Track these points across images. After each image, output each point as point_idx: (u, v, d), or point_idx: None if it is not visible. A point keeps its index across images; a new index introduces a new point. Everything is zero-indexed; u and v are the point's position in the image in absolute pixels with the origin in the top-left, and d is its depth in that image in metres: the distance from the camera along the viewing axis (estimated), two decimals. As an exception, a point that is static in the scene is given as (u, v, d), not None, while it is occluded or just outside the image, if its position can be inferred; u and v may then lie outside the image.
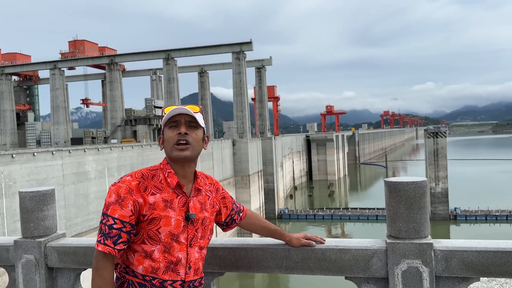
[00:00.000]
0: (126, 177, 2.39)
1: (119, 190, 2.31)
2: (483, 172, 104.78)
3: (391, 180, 2.79)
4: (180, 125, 2.39)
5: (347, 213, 65.22)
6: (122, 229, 2.27)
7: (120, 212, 2.27)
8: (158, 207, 2.32)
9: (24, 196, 3.43)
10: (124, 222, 2.27)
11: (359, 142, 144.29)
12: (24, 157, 26.53)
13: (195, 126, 2.42)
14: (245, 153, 58.76)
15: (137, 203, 2.30)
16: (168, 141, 2.40)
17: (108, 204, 2.31)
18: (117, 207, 2.28)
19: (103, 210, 2.33)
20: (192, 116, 2.40)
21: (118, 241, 2.27)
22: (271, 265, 2.95)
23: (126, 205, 2.28)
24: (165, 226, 2.32)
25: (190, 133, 2.39)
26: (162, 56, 65.58)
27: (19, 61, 79.47)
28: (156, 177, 2.40)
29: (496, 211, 58.58)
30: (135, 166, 37.90)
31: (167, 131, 2.41)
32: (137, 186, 2.33)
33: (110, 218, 2.28)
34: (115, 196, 2.30)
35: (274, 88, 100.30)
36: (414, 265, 2.66)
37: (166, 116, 2.41)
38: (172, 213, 2.34)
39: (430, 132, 61.96)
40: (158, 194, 2.35)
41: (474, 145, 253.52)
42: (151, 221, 2.31)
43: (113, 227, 2.26)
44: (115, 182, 2.38)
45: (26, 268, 3.39)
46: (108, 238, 2.26)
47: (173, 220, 2.34)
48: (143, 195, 2.32)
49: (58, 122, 69.38)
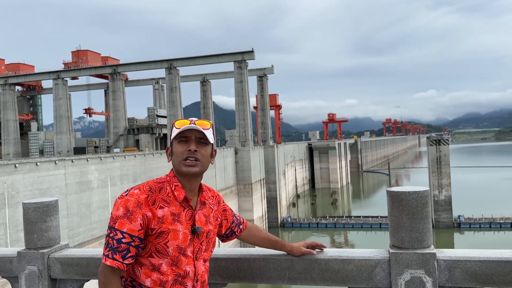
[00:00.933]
0: (133, 190, 2.37)
1: (127, 204, 2.28)
2: (486, 180, 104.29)
3: (394, 190, 2.79)
4: (190, 141, 2.40)
5: (350, 221, 64.88)
6: (131, 243, 2.26)
7: (129, 226, 2.25)
8: (166, 220, 2.32)
9: (27, 207, 3.44)
10: (133, 236, 2.26)
11: (361, 150, 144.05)
12: (27, 166, 26.60)
13: (205, 143, 2.43)
14: (248, 162, 58.73)
15: (146, 217, 2.29)
16: (177, 155, 2.41)
17: (115, 217, 2.28)
18: (125, 221, 2.25)
19: (110, 224, 2.30)
20: (203, 133, 2.41)
21: (127, 256, 2.26)
22: (274, 276, 2.94)
23: (135, 219, 2.26)
24: (173, 240, 2.32)
25: (199, 149, 2.40)
26: (165, 66, 65.93)
27: (23, 71, 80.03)
28: (163, 190, 2.40)
29: (500, 219, 58.17)
30: (137, 175, 37.93)
31: (176, 145, 2.42)
32: (145, 199, 2.31)
33: (118, 232, 2.25)
34: (123, 210, 2.27)
35: (276, 97, 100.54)
36: (418, 275, 2.65)
37: (176, 130, 2.40)
38: (180, 227, 2.35)
39: (432, 140, 61.81)
40: (166, 207, 2.35)
41: (477, 152, 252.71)
42: (159, 235, 2.31)
43: (122, 241, 2.24)
44: (121, 195, 2.36)
45: (30, 280, 3.40)
46: (117, 252, 2.24)
47: (181, 234, 2.35)
48: (152, 208, 2.31)
49: (61, 131, 69.64)
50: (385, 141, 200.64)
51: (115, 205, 2.32)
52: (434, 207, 58.50)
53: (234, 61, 64.55)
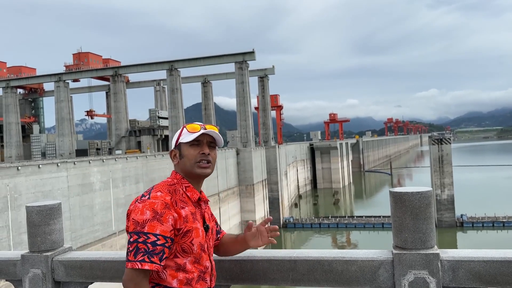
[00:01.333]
0: (155, 192, 2.37)
1: (154, 206, 2.29)
2: (489, 178, 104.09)
3: (396, 190, 2.78)
4: (203, 145, 2.52)
5: (353, 221, 64.82)
6: (165, 244, 2.28)
7: (161, 228, 2.26)
8: (189, 219, 2.41)
9: (31, 211, 3.46)
10: (166, 237, 2.29)
11: (363, 150, 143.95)
12: (30, 169, 26.66)
13: (214, 147, 2.59)
14: (249, 162, 58.76)
15: (173, 217, 2.34)
16: (189, 158, 2.50)
17: (143, 221, 2.25)
18: (156, 223, 2.26)
19: (136, 229, 2.26)
20: (213, 138, 2.57)
21: (163, 257, 2.28)
22: (277, 277, 2.94)
23: (166, 220, 2.29)
24: (197, 238, 2.42)
25: (210, 152, 2.54)
26: (166, 67, 66.04)
27: (24, 74, 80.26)
28: (178, 192, 2.47)
29: (503, 218, 58.03)
30: (139, 177, 37.98)
31: (188, 148, 2.51)
32: (171, 201, 2.37)
33: (151, 235, 2.24)
34: (150, 213, 2.27)
35: (277, 97, 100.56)
36: (421, 276, 2.64)
37: (190, 134, 2.50)
38: (199, 225, 2.46)
39: (434, 139, 61.72)
40: (186, 207, 2.44)
41: (479, 151, 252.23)
42: (185, 234, 2.38)
43: (157, 243, 2.24)
44: (141, 199, 2.35)
45: (33, 283, 3.40)
46: (154, 255, 2.23)
47: (201, 231, 2.46)
48: (177, 209, 2.38)
49: (63, 134, 69.80)
50: (387, 141, 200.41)
51: (136, 210, 2.30)
52: (437, 207, 58.41)
53: (235, 62, 64.63)
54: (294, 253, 2.97)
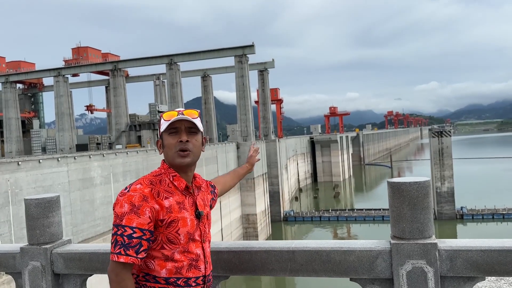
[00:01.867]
0: (135, 185, 2.37)
1: (131, 199, 2.29)
2: (489, 171, 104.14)
3: (394, 180, 2.78)
4: (181, 132, 2.44)
5: (353, 214, 64.97)
6: (142, 237, 2.27)
7: (137, 221, 2.26)
8: (174, 209, 2.37)
9: (29, 203, 3.46)
10: (143, 230, 2.27)
11: (363, 143, 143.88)
12: (30, 164, 26.67)
13: (195, 132, 2.48)
14: (250, 156, 58.67)
15: (154, 209, 2.31)
16: (169, 147, 2.45)
17: (121, 214, 2.27)
18: (133, 216, 2.26)
19: (115, 222, 2.29)
20: (192, 122, 2.45)
21: (140, 250, 2.27)
22: (275, 268, 2.95)
23: (143, 212, 2.27)
24: (183, 227, 2.38)
25: (190, 139, 2.45)
26: (165, 61, 65.81)
27: (24, 69, 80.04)
28: (163, 182, 2.44)
29: (503, 210, 58.14)
30: (140, 171, 38.01)
31: (167, 137, 2.45)
32: (150, 192, 2.34)
33: (127, 228, 2.25)
34: (128, 206, 2.28)
35: (277, 91, 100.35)
36: (419, 266, 2.65)
37: (165, 122, 2.43)
38: (186, 214, 2.41)
39: (434, 132, 61.68)
40: (171, 197, 2.40)
41: (480, 144, 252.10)
42: (169, 224, 2.35)
43: (133, 236, 2.25)
44: (122, 191, 2.36)
45: (33, 275, 3.42)
46: (130, 248, 2.24)
47: (189, 220, 2.41)
48: (158, 200, 2.34)
49: (63, 128, 69.75)
50: (387, 134, 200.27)
51: (118, 203, 2.33)
52: (437, 199, 58.51)
53: (234, 56, 64.38)
54: (292, 244, 2.98)
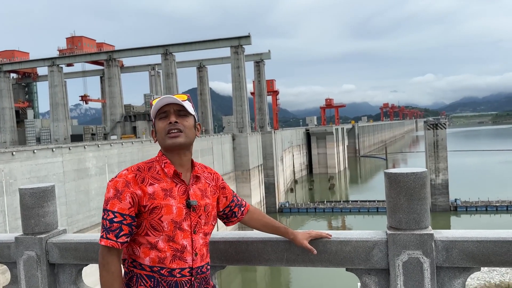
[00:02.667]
0: (122, 171, 2.42)
1: (116, 185, 2.34)
2: (483, 163, 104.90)
3: (391, 171, 2.78)
4: (170, 114, 2.42)
5: (348, 206, 65.35)
6: (123, 221, 2.30)
7: (119, 206, 2.30)
8: (157, 196, 2.35)
9: (24, 193, 3.43)
10: (124, 214, 2.30)
11: (359, 135, 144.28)
12: (24, 154, 26.54)
13: (185, 114, 2.45)
14: (245, 148, 58.76)
15: (136, 194, 2.32)
16: (159, 132, 2.44)
17: (107, 199, 2.34)
18: (116, 201, 2.31)
19: (103, 206, 2.35)
20: (181, 105, 2.43)
21: (120, 234, 2.29)
22: (272, 258, 2.96)
23: (124, 198, 2.31)
24: (167, 215, 2.34)
25: (180, 121, 2.42)
26: (161, 52, 65.39)
27: (17, 59, 79.18)
28: (152, 169, 2.43)
29: (496, 202, 58.70)
30: (135, 162, 37.63)
31: (157, 122, 2.45)
32: (133, 178, 2.35)
33: (110, 212, 2.30)
34: (113, 191, 2.33)
35: (273, 82, 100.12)
36: (415, 256, 2.66)
37: (154, 108, 2.43)
38: (172, 201, 2.36)
39: (429, 124, 61.91)
40: (157, 184, 2.37)
41: (474, 136, 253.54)
42: (152, 210, 2.34)
43: (114, 220, 2.29)
44: (112, 178, 2.40)
45: (28, 265, 3.40)
46: (110, 232, 2.29)
47: (175, 208, 2.36)
48: (141, 186, 2.34)
49: (57, 119, 69.32)
50: (382, 126, 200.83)
51: (107, 188, 2.38)
52: (431, 191, 58.90)
53: (230, 46, 64.05)
54: (288, 234, 2.97)
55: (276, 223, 2.91)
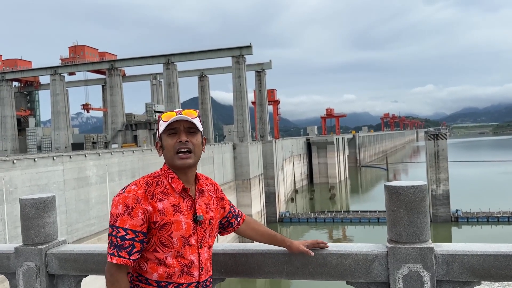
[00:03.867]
0: (130, 186, 2.37)
1: (126, 200, 2.29)
2: (484, 174, 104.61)
3: (391, 184, 2.79)
4: (180, 132, 2.39)
5: (349, 216, 65.06)
6: (135, 238, 2.26)
7: (130, 222, 2.26)
8: (167, 212, 2.33)
9: (24, 203, 3.43)
10: (136, 231, 2.27)
11: (359, 145, 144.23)
12: (25, 162, 26.54)
13: (195, 132, 2.42)
14: (246, 157, 58.73)
15: (147, 211, 2.29)
16: (168, 149, 2.41)
17: (116, 215, 2.28)
18: (126, 217, 2.26)
19: (110, 222, 2.31)
20: (191, 122, 2.40)
21: (133, 251, 2.27)
22: (272, 271, 2.95)
23: (136, 214, 2.27)
24: (176, 231, 2.33)
25: (190, 139, 2.40)
26: (162, 61, 65.71)
27: (20, 67, 79.65)
28: (160, 183, 2.40)
29: (497, 213, 58.41)
30: (136, 171, 37.91)
31: (166, 138, 2.41)
32: (144, 194, 2.32)
33: (120, 229, 2.26)
34: (122, 207, 2.28)
35: (274, 92, 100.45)
36: (415, 270, 2.65)
37: (164, 123, 2.39)
38: (182, 217, 2.36)
39: (430, 134, 61.91)
40: (166, 199, 2.35)
41: (475, 147, 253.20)
42: (162, 227, 2.32)
43: (126, 238, 2.25)
44: (119, 192, 2.36)
45: (27, 276, 3.39)
46: (122, 249, 2.25)
47: (184, 224, 2.36)
48: (151, 202, 2.32)
49: (58, 127, 69.46)
50: (383, 136, 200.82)
51: (113, 204, 2.33)
52: (432, 202, 58.70)
53: (232, 56, 64.36)
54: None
55: (271, 232, 2.91)
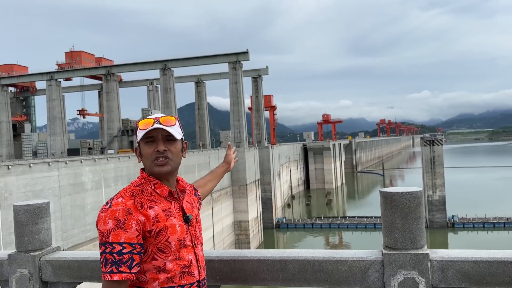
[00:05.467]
0: (116, 199, 2.28)
1: (115, 214, 2.20)
2: (480, 180, 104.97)
3: (386, 190, 2.78)
4: (157, 141, 2.34)
5: (345, 221, 65.05)
6: (133, 251, 2.19)
7: (125, 235, 2.18)
8: (161, 218, 2.31)
9: (18, 210, 3.40)
10: (133, 244, 2.19)
11: (356, 151, 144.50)
12: (20, 168, 26.39)
13: (173, 139, 2.37)
14: (242, 163, 58.67)
15: (140, 221, 2.24)
16: (146, 157, 2.36)
17: (107, 232, 2.17)
18: (120, 231, 2.17)
19: (101, 240, 2.19)
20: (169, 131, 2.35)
21: (133, 265, 2.19)
22: (267, 277, 2.93)
23: (129, 226, 2.19)
24: (173, 235, 2.32)
25: (168, 147, 2.35)
26: (159, 67, 65.75)
27: (16, 72, 79.45)
28: (145, 191, 2.36)
29: (493, 219, 58.59)
30: (132, 177, 37.75)
31: (143, 146, 2.36)
32: (133, 205, 2.26)
33: (115, 244, 2.16)
34: (112, 222, 2.18)
35: (270, 97, 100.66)
36: (411, 276, 2.64)
37: (142, 132, 2.33)
38: (174, 220, 2.35)
39: (426, 140, 62.15)
40: (156, 206, 2.33)
41: (471, 153, 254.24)
42: (158, 233, 2.28)
43: (123, 252, 2.16)
44: (104, 207, 2.26)
45: (20, 283, 3.35)
46: (122, 264, 2.16)
47: (178, 226, 2.35)
48: (143, 212, 2.27)
49: (54, 133, 69.22)
50: (379, 142, 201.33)
51: (100, 220, 2.21)
52: (428, 207, 58.81)
53: (228, 62, 64.51)
54: (284, 253, 2.96)
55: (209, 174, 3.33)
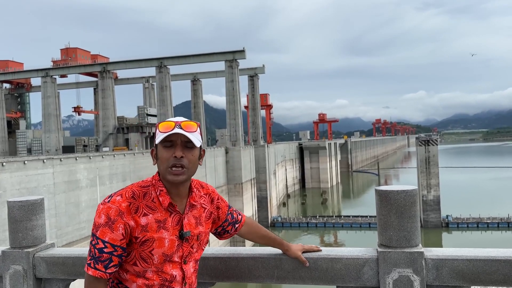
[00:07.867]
0: (116, 196, 2.27)
1: (109, 212, 2.21)
2: (474, 180, 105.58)
3: (382, 188, 2.79)
4: (176, 146, 2.24)
5: (340, 221, 65.25)
6: (113, 253, 2.20)
7: (110, 236, 2.18)
8: (151, 228, 2.24)
9: (12, 206, 3.38)
10: (115, 246, 2.19)
11: (351, 150, 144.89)
12: (15, 165, 26.26)
13: (192, 147, 2.27)
14: (238, 161, 58.70)
15: (128, 226, 2.21)
16: (162, 161, 2.27)
17: (98, 225, 2.21)
18: (107, 230, 2.19)
19: (92, 230, 2.24)
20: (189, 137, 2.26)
21: (110, 265, 2.21)
22: (262, 275, 2.93)
23: (116, 228, 2.19)
24: (158, 248, 2.25)
25: (186, 155, 2.25)
26: (155, 64, 65.58)
27: (11, 69, 78.96)
28: (148, 196, 2.30)
29: (487, 219, 58.97)
30: (127, 174, 37.68)
31: (161, 149, 2.27)
32: (127, 207, 2.23)
33: (100, 241, 2.19)
34: (104, 218, 2.20)
35: (267, 96, 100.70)
36: (405, 274, 2.65)
37: (161, 135, 2.24)
38: (165, 234, 2.26)
39: (421, 140, 62.40)
40: (151, 214, 2.26)
41: (465, 153, 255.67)
42: (143, 243, 2.24)
43: (104, 251, 2.19)
44: (104, 201, 2.27)
45: (14, 279, 3.34)
46: (99, 262, 2.19)
47: (167, 241, 2.27)
48: (135, 217, 2.23)
49: (49, 130, 68.89)
50: (374, 142, 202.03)
51: (97, 212, 2.24)
52: (423, 207, 59.09)
53: (225, 61, 64.47)
54: (279, 251, 2.96)
55: (271, 235, 2.88)
